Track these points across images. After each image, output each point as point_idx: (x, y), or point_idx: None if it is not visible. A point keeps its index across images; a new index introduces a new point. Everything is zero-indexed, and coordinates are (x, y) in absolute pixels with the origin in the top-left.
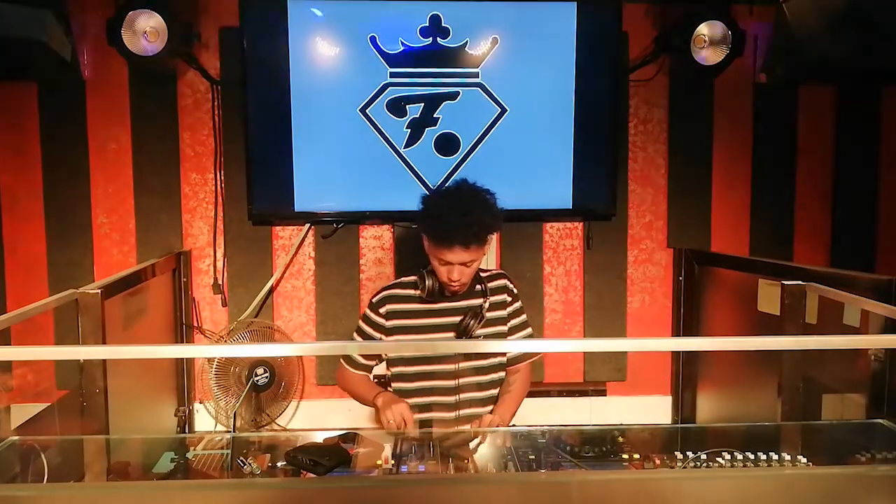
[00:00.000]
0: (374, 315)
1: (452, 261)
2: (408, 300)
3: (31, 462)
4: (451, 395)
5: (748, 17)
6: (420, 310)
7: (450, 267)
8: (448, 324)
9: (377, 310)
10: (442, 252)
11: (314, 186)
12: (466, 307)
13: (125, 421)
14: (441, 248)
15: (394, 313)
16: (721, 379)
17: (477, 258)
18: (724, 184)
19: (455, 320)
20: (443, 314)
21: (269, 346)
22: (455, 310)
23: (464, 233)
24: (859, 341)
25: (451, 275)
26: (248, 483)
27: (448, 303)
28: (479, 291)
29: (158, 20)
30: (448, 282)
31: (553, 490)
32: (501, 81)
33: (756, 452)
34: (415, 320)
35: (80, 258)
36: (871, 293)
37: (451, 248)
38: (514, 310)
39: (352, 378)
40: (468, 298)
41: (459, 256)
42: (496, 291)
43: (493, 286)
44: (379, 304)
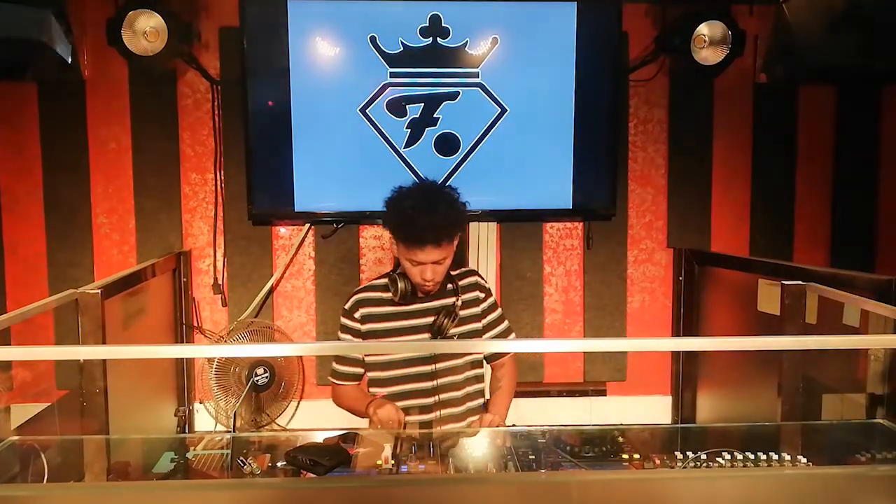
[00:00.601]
0: (350, 321)
1: (425, 260)
2: (380, 303)
3: (31, 462)
4: (430, 397)
5: (748, 17)
6: (393, 312)
7: (423, 267)
8: (422, 325)
9: (352, 315)
10: (414, 253)
11: (314, 186)
12: (439, 307)
13: (125, 421)
14: (413, 248)
15: (368, 317)
16: (721, 379)
17: (448, 255)
18: (724, 184)
19: (429, 321)
20: (416, 315)
21: (269, 346)
22: (428, 310)
23: (435, 231)
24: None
25: (425, 275)
26: (248, 483)
27: (420, 304)
28: (450, 290)
29: (158, 20)
30: (422, 282)
31: (553, 490)
32: (501, 81)
33: (756, 452)
34: (388, 323)
35: (80, 258)
36: (871, 293)
37: (424, 248)
38: (488, 305)
39: (343, 392)
40: (440, 298)
41: (432, 255)
42: (467, 289)
43: (464, 284)
44: (353, 309)
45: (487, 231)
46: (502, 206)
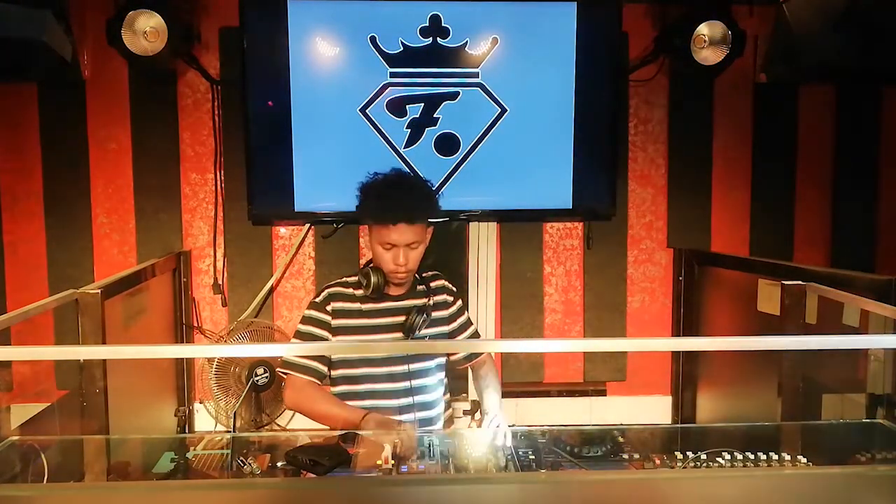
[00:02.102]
0: (320, 313)
1: (398, 241)
2: (351, 299)
3: (31, 462)
4: (405, 398)
5: (748, 17)
6: (364, 309)
7: (395, 251)
8: (393, 323)
9: (323, 308)
10: (387, 232)
11: (314, 186)
12: (410, 306)
13: (125, 421)
14: (385, 228)
15: (339, 312)
16: (721, 379)
17: (421, 240)
18: (724, 184)
19: (400, 320)
20: (387, 314)
21: (269, 346)
22: (399, 309)
23: (407, 207)
24: (859, 341)
25: (398, 259)
26: (248, 483)
27: (392, 302)
28: (421, 291)
29: (158, 20)
30: (395, 268)
31: (553, 490)
32: (501, 81)
33: (756, 452)
34: (359, 320)
35: (80, 258)
36: (871, 293)
37: (396, 226)
38: (456, 309)
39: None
40: (411, 298)
41: (404, 235)
42: (437, 291)
43: (434, 285)
44: (325, 302)
45: (487, 231)
46: (502, 206)
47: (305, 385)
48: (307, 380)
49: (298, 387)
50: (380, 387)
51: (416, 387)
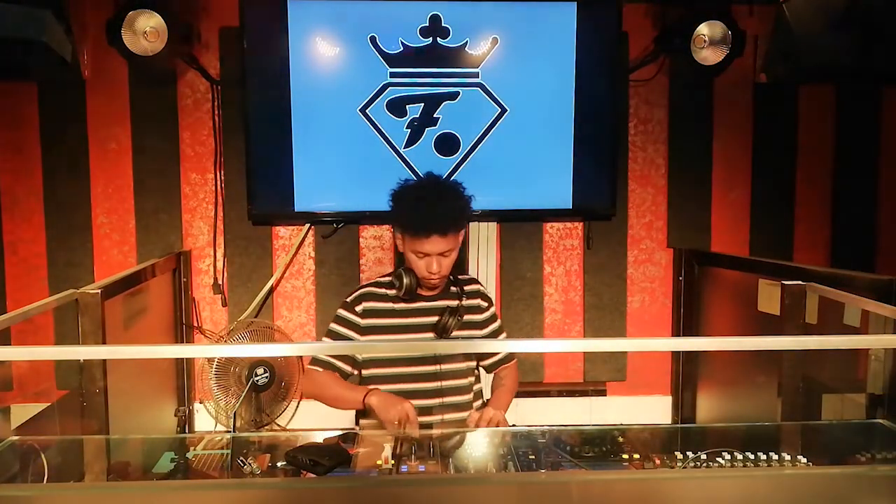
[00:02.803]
0: (349, 313)
1: (431, 251)
2: (384, 299)
3: (31, 462)
4: (433, 399)
5: (748, 17)
6: (396, 309)
7: (429, 259)
8: (425, 324)
9: (353, 308)
10: (420, 243)
11: (314, 186)
12: (443, 307)
13: (125, 421)
14: (418, 238)
15: (370, 311)
16: (721, 379)
17: (454, 248)
18: (724, 184)
19: (432, 320)
20: (419, 314)
21: (269, 346)
22: (431, 309)
23: (440, 220)
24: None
25: (431, 267)
26: (248, 483)
27: (424, 302)
28: (454, 292)
29: (158, 20)
30: (428, 275)
31: (553, 490)
32: (501, 81)
33: (756, 452)
34: (391, 319)
35: (80, 258)
36: (871, 293)
37: (429, 238)
38: (489, 316)
39: (321, 378)
40: (444, 298)
41: (437, 246)
42: (471, 295)
43: (468, 289)
44: (355, 303)
45: (487, 231)
46: (502, 206)
47: (321, 374)
48: (320, 371)
49: (314, 379)
50: (411, 386)
51: (445, 388)
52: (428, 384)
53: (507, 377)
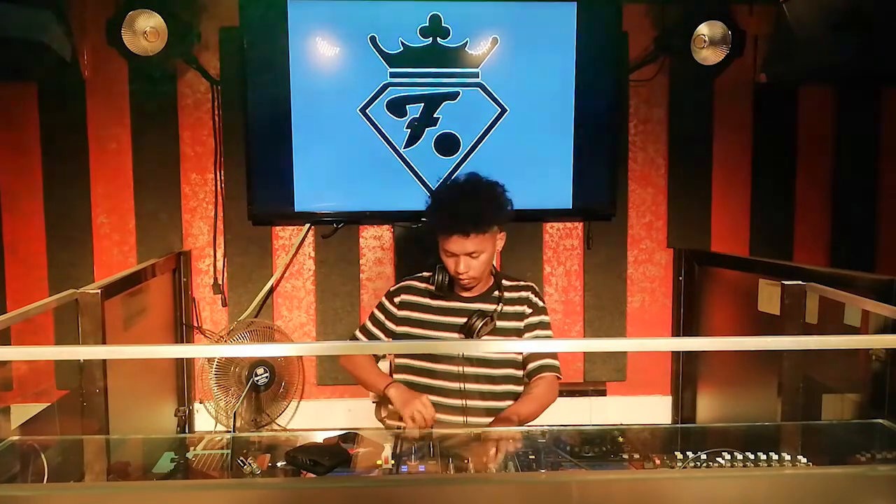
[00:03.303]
0: (388, 303)
1: (455, 251)
2: (422, 293)
3: (31, 462)
4: (456, 399)
5: (748, 17)
6: (432, 305)
7: (455, 259)
8: (456, 324)
9: (392, 298)
10: (444, 241)
11: (314, 186)
12: (476, 309)
13: (125, 421)
14: (442, 236)
15: (406, 304)
16: (721, 379)
17: (482, 249)
18: (724, 184)
19: (462, 321)
20: (453, 313)
21: (269, 346)
22: (464, 311)
23: (461, 220)
24: (859, 341)
25: (458, 267)
26: (248, 483)
27: (461, 303)
28: (494, 297)
29: (158, 20)
30: (456, 275)
31: (553, 490)
32: (501, 81)
33: (756, 452)
34: (424, 314)
35: (80, 258)
36: (871, 293)
37: (450, 237)
38: (531, 323)
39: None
40: (483, 301)
41: (461, 246)
42: (515, 301)
43: (512, 295)
44: (395, 293)
45: None
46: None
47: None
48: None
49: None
50: (436, 383)
51: (468, 390)
52: (450, 383)
53: (538, 386)
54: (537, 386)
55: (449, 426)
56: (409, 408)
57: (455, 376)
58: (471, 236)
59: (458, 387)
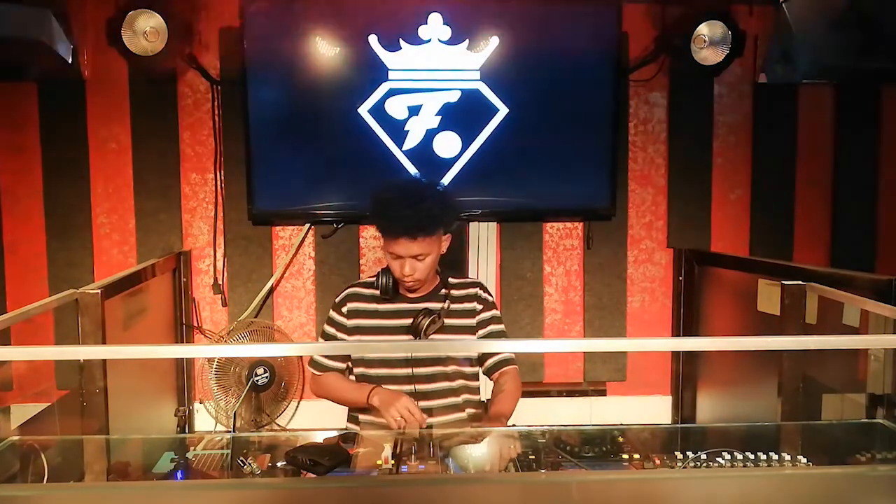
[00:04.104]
0: (337, 315)
1: (402, 253)
2: (368, 299)
3: (31, 462)
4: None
5: (748, 17)
6: (379, 310)
7: (401, 261)
8: (403, 325)
9: (339, 309)
10: (390, 245)
11: (314, 186)
12: (422, 309)
13: (125, 421)
14: (389, 240)
15: (355, 312)
16: (721, 379)
17: (428, 252)
18: (724, 184)
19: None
20: (399, 315)
21: (269, 346)
22: (411, 311)
23: (409, 223)
24: (859, 341)
25: (404, 269)
26: (248, 483)
27: (406, 304)
28: (441, 295)
29: (158, 20)
30: (401, 277)
31: (553, 490)
32: (501, 81)
33: (756, 452)
34: (373, 320)
35: (80, 258)
36: (871, 293)
37: (397, 240)
38: (484, 319)
39: (327, 381)
40: (428, 301)
41: (407, 248)
42: (463, 299)
43: (459, 293)
44: (341, 304)
45: (487, 231)
46: (502, 206)
47: (322, 379)
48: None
49: (320, 382)
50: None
51: (421, 391)
52: (402, 387)
53: (506, 381)
54: (507, 381)
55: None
56: (392, 409)
57: (405, 379)
58: (417, 239)
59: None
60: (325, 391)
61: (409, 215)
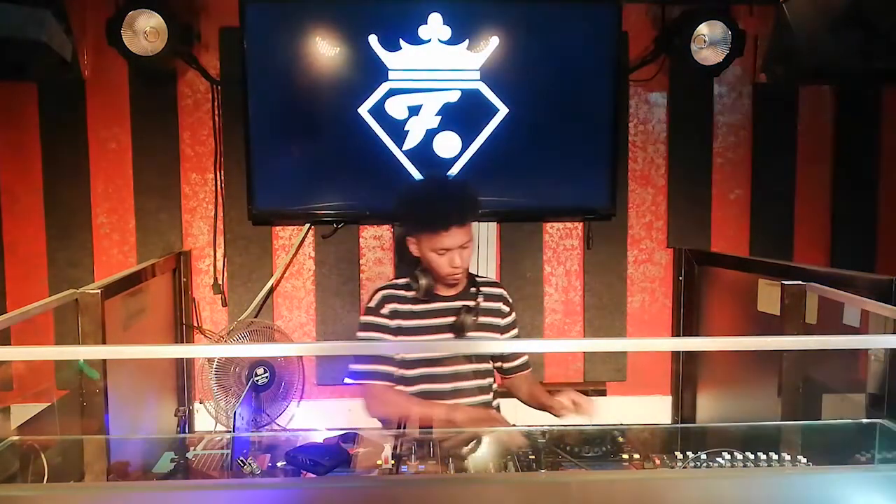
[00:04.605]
0: (377, 318)
1: (451, 245)
2: (403, 300)
3: (31, 462)
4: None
5: (748, 17)
6: (415, 310)
7: (451, 254)
8: (444, 324)
9: (378, 311)
10: (439, 239)
11: (314, 186)
12: (460, 305)
13: (125, 421)
14: (438, 234)
15: (395, 313)
16: (721, 379)
17: (471, 238)
18: (724, 184)
19: (450, 320)
20: (438, 314)
21: (269, 346)
22: (449, 309)
23: (457, 210)
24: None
25: (454, 261)
26: (248, 483)
27: (442, 303)
28: (472, 292)
29: (158, 20)
30: (452, 271)
31: (553, 490)
32: (501, 81)
33: (756, 452)
34: (413, 321)
35: (80, 258)
36: (871, 293)
37: (449, 230)
38: (509, 322)
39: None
40: (462, 299)
41: (458, 238)
42: (492, 298)
43: (488, 291)
44: (379, 306)
45: (487, 231)
46: (502, 206)
47: (384, 391)
48: (384, 385)
49: (378, 394)
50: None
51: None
52: (446, 385)
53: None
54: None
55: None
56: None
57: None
58: (465, 225)
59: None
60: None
61: (454, 204)
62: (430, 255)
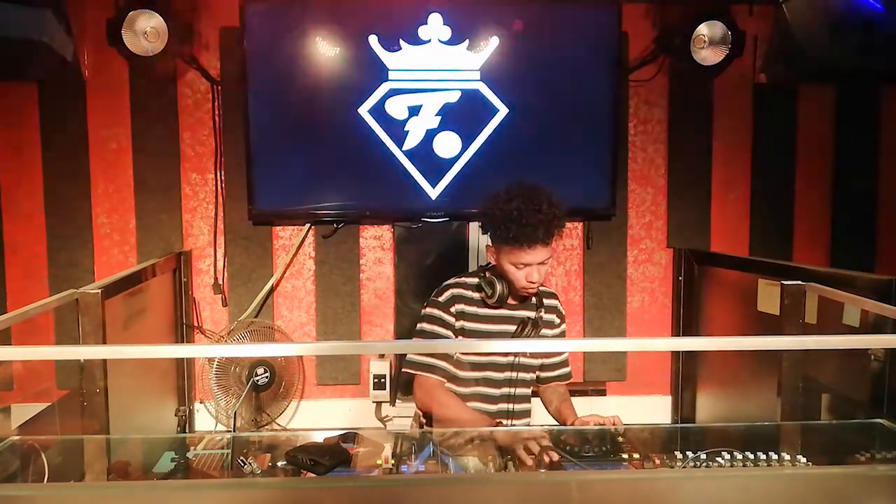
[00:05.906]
0: (444, 314)
1: (532, 261)
2: (472, 302)
3: (31, 462)
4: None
5: (748, 17)
6: (480, 314)
7: (529, 269)
8: (507, 331)
9: (448, 308)
10: (521, 254)
11: (314, 186)
12: (524, 317)
13: (125, 421)
14: (521, 249)
15: (462, 314)
16: (721, 379)
17: (551, 255)
18: (724, 184)
19: (511, 328)
20: (502, 321)
21: (269, 346)
22: (512, 318)
23: (544, 229)
24: (859, 341)
25: (531, 277)
26: (248, 483)
27: (508, 310)
28: (534, 303)
29: (158, 20)
30: (528, 285)
31: (553, 490)
32: (501, 81)
33: (756, 452)
34: (478, 324)
35: (80, 258)
36: (871, 293)
37: (533, 248)
38: (556, 333)
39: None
40: (524, 308)
41: (539, 255)
42: (550, 309)
43: (549, 303)
44: (449, 304)
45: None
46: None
47: (435, 386)
48: (436, 380)
49: (428, 388)
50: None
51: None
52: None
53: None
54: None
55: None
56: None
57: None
58: (549, 244)
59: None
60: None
61: (542, 222)
62: (508, 266)
